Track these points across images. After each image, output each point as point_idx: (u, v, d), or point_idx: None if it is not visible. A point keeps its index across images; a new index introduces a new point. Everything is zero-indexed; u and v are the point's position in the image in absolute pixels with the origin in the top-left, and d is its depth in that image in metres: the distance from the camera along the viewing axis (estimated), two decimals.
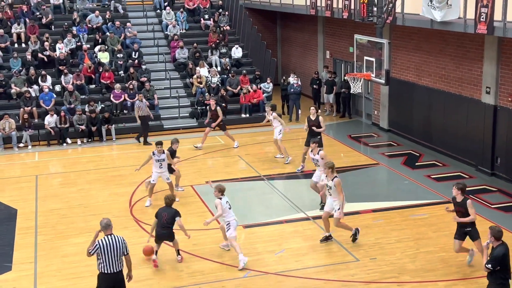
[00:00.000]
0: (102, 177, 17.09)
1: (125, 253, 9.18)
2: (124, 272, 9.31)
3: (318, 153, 13.74)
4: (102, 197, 15.48)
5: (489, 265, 8.19)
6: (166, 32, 26.94)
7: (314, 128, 16.11)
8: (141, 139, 20.57)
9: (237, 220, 11.66)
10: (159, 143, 14.49)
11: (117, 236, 9.13)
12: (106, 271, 9.04)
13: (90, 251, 9.05)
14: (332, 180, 11.75)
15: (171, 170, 14.91)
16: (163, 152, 14.40)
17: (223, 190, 11.49)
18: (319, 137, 15.78)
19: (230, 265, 11.48)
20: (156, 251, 11.58)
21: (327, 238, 12.25)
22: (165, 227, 11.42)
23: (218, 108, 19.48)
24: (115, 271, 9.09)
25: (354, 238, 12.23)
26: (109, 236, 9.10)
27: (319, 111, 24.50)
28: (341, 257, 11.67)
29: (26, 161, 19.19)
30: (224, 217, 11.48)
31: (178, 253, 11.71)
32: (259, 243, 12.43)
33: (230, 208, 11.46)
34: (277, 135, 17.92)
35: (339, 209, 11.83)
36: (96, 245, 9.01)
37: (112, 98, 22.20)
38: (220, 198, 11.43)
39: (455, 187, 10.62)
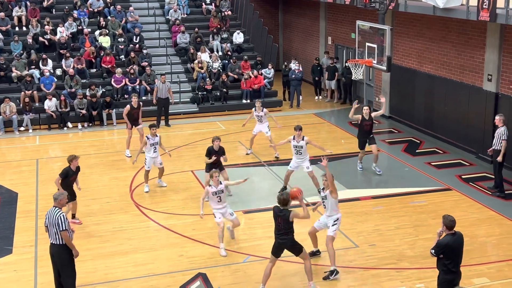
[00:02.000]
0: (103, 162, 17.12)
1: (60, 229, 9.09)
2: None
3: (303, 139, 13.82)
4: (103, 182, 15.52)
5: (432, 251, 8.43)
6: (167, 17, 26.84)
7: (365, 125, 15.20)
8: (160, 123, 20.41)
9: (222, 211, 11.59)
10: (153, 126, 14.54)
11: (53, 209, 9.21)
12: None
13: None
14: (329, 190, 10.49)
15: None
16: (157, 135, 14.44)
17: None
18: (372, 135, 15.37)
19: (229, 250, 11.53)
20: None
21: (314, 254, 11.08)
22: None
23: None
24: (51, 242, 9.25)
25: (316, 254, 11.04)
26: (52, 208, 9.27)
27: (320, 97, 24.58)
28: (340, 243, 11.71)
29: (27, 144, 19.21)
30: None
31: None
32: (259, 229, 12.49)
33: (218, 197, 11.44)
34: (268, 131, 17.14)
35: (334, 224, 10.52)
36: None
37: (113, 83, 22.17)
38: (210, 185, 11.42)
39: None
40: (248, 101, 22.85)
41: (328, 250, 10.43)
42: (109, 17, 25.28)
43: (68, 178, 12.21)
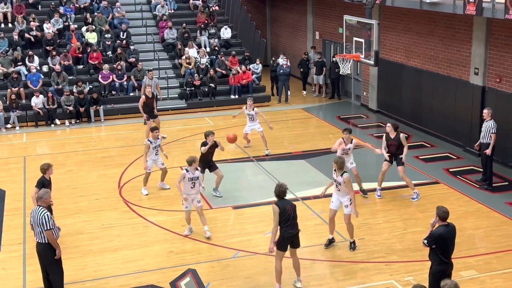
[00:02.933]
0: (91, 159, 17.05)
1: (44, 228, 9.01)
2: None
3: (351, 142, 13.24)
4: (91, 179, 15.46)
5: (425, 241, 8.49)
6: (154, 12, 26.74)
7: (391, 146, 13.47)
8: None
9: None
10: (156, 128, 14.20)
11: (37, 208, 9.15)
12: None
13: None
14: (342, 176, 10.84)
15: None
16: (159, 138, 14.18)
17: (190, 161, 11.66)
18: (401, 156, 13.34)
19: (219, 245, 11.54)
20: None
21: (331, 242, 11.42)
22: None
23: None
24: (37, 241, 9.20)
25: (351, 246, 11.35)
26: (36, 207, 9.21)
27: (306, 91, 24.61)
28: (328, 236, 11.75)
29: (14, 142, 19.09)
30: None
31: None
32: (249, 224, 12.50)
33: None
34: (259, 127, 16.87)
35: (350, 204, 10.94)
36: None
37: (100, 79, 22.08)
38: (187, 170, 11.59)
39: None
40: (237, 96, 22.84)
41: (349, 226, 11.18)
42: (95, 13, 25.15)
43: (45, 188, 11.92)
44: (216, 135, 13.81)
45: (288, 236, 9.52)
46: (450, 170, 15.47)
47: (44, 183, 11.35)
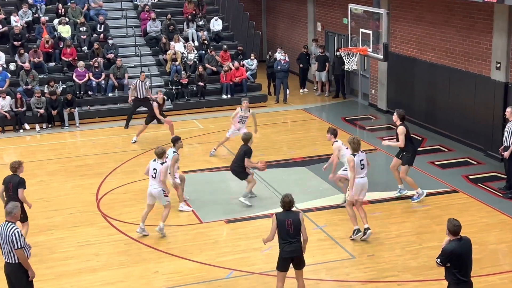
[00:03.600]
0: (65, 168, 17.02)
1: (14, 247, 8.96)
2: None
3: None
4: (65, 190, 15.43)
5: (438, 260, 8.51)
6: (135, 2, 26.77)
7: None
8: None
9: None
10: (178, 139, 13.86)
11: (6, 224, 9.09)
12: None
13: None
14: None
15: None
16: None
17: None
18: (404, 152, 13.82)
19: (211, 264, 11.53)
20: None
21: (358, 232, 12.18)
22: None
23: None
24: (6, 261, 9.13)
25: (360, 234, 12.14)
26: (4, 223, 9.14)
27: (305, 89, 24.64)
28: (335, 254, 11.76)
29: None
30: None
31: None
32: (243, 240, 12.49)
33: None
34: (244, 130, 16.34)
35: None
36: None
37: (74, 78, 22.06)
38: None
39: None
40: (229, 96, 22.86)
41: (348, 212, 12.24)
42: (69, 4, 25.15)
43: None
44: (206, 139, 13.83)
45: (285, 255, 9.49)
46: (470, 177, 15.50)
47: (25, 182, 11.89)
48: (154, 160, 12.47)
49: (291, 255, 9.46)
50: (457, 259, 8.36)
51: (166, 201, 12.50)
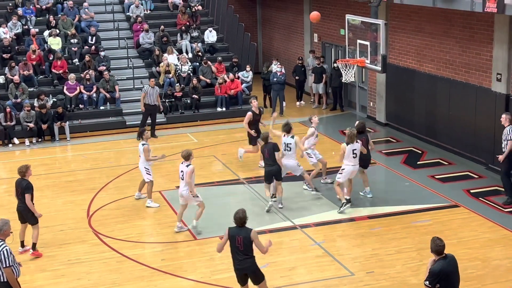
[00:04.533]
0: (55, 183, 16.99)
1: (3, 265, 8.91)
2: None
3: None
4: (55, 206, 15.39)
5: (427, 282, 8.51)
6: (128, 13, 26.82)
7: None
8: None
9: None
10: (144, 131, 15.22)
11: None
12: None
13: None
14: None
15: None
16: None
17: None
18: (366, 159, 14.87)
19: (206, 282, 11.48)
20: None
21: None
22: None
23: None
24: None
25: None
26: None
27: (302, 102, 24.68)
28: (333, 271, 11.72)
29: None
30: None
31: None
32: None
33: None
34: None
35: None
36: None
37: (65, 91, 22.06)
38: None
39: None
40: (224, 109, 22.87)
41: (336, 190, 14.43)
42: (59, 15, 25.18)
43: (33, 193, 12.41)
44: (200, 153, 13.83)
45: (236, 270, 9.86)
46: (471, 191, 15.50)
47: (32, 187, 12.41)
48: (183, 163, 13.14)
49: (241, 272, 9.83)
50: (446, 278, 8.36)
51: (197, 201, 13.36)
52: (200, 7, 27.85)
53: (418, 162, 17.80)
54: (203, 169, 17.62)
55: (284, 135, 14.61)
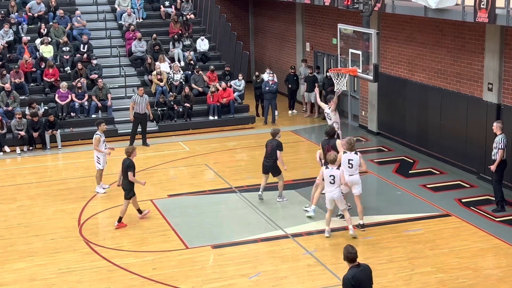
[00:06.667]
0: (46, 192, 16.92)
1: None
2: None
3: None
4: (46, 215, 15.33)
5: None
6: (120, 22, 26.82)
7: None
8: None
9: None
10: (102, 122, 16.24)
11: None
12: None
13: None
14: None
15: None
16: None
17: None
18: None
19: None
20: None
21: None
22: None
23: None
24: None
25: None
26: None
27: (294, 111, 24.72)
28: (325, 280, 11.72)
29: None
30: None
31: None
32: (231, 266, 12.42)
33: None
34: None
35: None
36: None
37: (57, 99, 22.02)
38: None
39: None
40: (216, 117, 22.88)
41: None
42: (51, 23, 25.16)
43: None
44: (192, 162, 13.80)
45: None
46: (463, 200, 15.53)
47: (134, 166, 14.16)
48: (327, 167, 13.24)
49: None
50: (359, 286, 8.30)
51: (343, 205, 13.50)
52: (192, 16, 27.91)
53: (410, 171, 17.84)
54: (195, 178, 17.61)
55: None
